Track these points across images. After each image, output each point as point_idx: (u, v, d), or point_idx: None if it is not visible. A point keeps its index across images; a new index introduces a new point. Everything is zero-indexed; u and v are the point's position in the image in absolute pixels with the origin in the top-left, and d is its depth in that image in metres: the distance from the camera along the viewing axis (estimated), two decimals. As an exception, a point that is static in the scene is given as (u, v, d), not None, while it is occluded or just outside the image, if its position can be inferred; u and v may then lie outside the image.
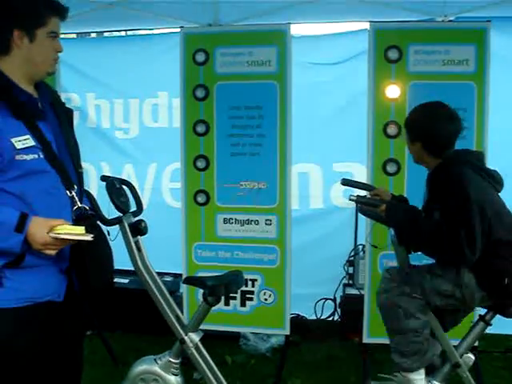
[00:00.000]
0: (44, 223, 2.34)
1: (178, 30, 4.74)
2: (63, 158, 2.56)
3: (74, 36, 6.31)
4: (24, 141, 2.40)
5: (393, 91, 4.40)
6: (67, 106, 2.79)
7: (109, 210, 2.95)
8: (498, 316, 3.46)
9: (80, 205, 2.56)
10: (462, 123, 3.55)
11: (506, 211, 3.43)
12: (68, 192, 2.52)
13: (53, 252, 2.38)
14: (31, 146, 2.41)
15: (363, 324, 4.61)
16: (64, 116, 2.69)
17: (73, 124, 2.76)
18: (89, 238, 2.37)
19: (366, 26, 4.53)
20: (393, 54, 4.37)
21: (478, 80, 4.33)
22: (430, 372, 3.49)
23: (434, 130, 3.46)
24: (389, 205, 3.45)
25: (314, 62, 5.68)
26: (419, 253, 3.49)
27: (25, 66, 2.52)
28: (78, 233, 2.37)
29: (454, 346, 3.50)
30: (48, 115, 2.58)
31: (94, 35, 7.30)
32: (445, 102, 4.14)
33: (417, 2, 4.52)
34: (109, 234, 2.84)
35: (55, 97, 2.72)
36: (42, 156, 2.44)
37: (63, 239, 2.35)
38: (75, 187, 2.57)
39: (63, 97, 2.89)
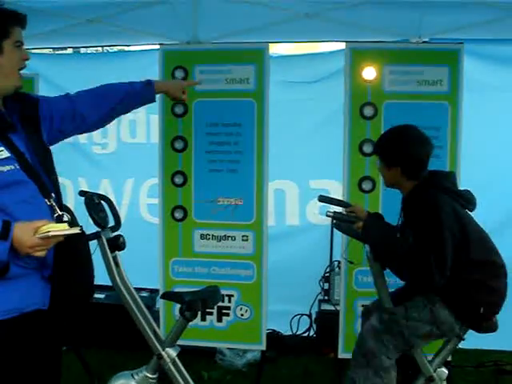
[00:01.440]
0: (28, 226, 2.35)
1: (157, 46, 4.78)
2: (36, 167, 2.57)
3: (50, 51, 6.31)
4: None
5: (368, 110, 4.47)
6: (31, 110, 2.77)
7: (87, 225, 2.97)
8: (470, 331, 3.52)
9: (60, 212, 2.58)
10: (433, 143, 3.61)
11: (484, 235, 3.50)
12: (47, 201, 2.54)
13: (43, 253, 2.39)
14: (6, 158, 2.43)
15: (338, 339, 4.65)
16: (28, 123, 2.68)
17: (39, 130, 2.75)
18: (77, 230, 2.40)
19: (343, 46, 4.60)
20: (368, 74, 4.45)
21: (452, 100, 4.43)
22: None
23: (411, 153, 3.51)
24: (366, 222, 3.49)
25: (292, 80, 5.74)
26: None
27: None
28: (64, 229, 2.39)
29: (428, 361, 3.55)
30: (17, 127, 2.59)
31: (70, 50, 7.30)
32: (419, 121, 4.25)
33: (392, 23, 4.60)
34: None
35: (23, 105, 2.71)
36: (18, 167, 2.45)
37: (52, 237, 2.36)
38: (53, 195, 2.59)
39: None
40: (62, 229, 2.39)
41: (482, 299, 3.37)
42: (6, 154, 2.44)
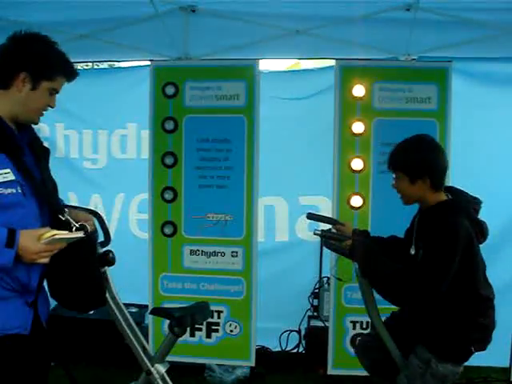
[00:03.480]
0: (32, 233, 2.38)
1: (147, 62, 4.81)
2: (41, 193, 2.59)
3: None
4: (4, 174, 2.42)
5: (358, 127, 4.50)
6: (44, 145, 2.82)
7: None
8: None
9: None
10: None
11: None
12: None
13: (47, 259, 2.42)
14: (11, 181, 2.43)
15: (328, 356, 4.65)
16: (42, 154, 2.71)
17: (48, 162, 2.79)
18: (80, 234, 2.46)
19: (333, 63, 4.64)
20: (357, 91, 4.48)
21: (440, 117, 4.48)
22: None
23: (438, 162, 3.33)
24: (353, 241, 3.46)
25: (282, 96, 5.76)
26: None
27: (16, 107, 2.56)
28: (68, 233, 2.43)
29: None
30: (26, 153, 2.61)
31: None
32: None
33: (381, 40, 4.65)
34: None
35: (33, 134, 2.74)
36: (19, 191, 2.46)
37: (55, 244, 2.40)
38: (65, 214, 2.60)
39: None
40: (66, 233, 2.44)
41: (472, 337, 3.30)
42: (11, 176, 2.44)
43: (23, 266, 2.43)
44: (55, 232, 2.41)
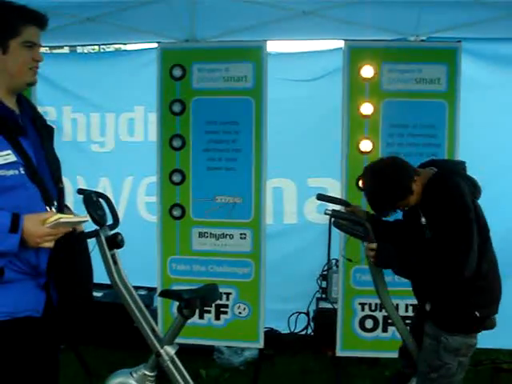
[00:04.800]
0: (36, 217, 2.37)
1: (155, 45, 4.78)
2: (43, 173, 2.57)
3: (47, 50, 6.31)
4: (5, 156, 2.41)
5: (366, 108, 4.47)
6: (48, 123, 2.80)
7: (85, 223, 2.97)
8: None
9: None
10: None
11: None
12: (48, 208, 2.53)
13: (51, 244, 2.41)
14: (13, 162, 2.42)
15: (336, 337, 4.66)
16: (45, 132, 2.69)
17: (53, 140, 2.77)
18: (85, 218, 2.46)
19: (341, 44, 4.60)
20: (366, 72, 4.45)
21: (450, 98, 4.44)
22: (402, 383, 3.54)
23: (405, 185, 3.34)
24: (379, 248, 3.37)
25: (290, 78, 5.75)
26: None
27: (2, 79, 2.51)
28: (72, 217, 2.43)
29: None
30: (28, 131, 2.59)
31: (66, 49, 7.30)
32: (417, 119, 4.28)
33: (390, 21, 4.60)
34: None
35: (36, 113, 2.72)
36: (22, 172, 2.44)
37: (60, 227, 2.39)
38: (55, 203, 2.58)
39: (39, 110, 2.90)
40: (71, 216, 2.44)
41: (472, 301, 3.29)
42: (12, 158, 2.42)
43: (31, 248, 2.43)
44: (59, 216, 2.40)
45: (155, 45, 4.78)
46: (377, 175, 3.39)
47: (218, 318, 4.78)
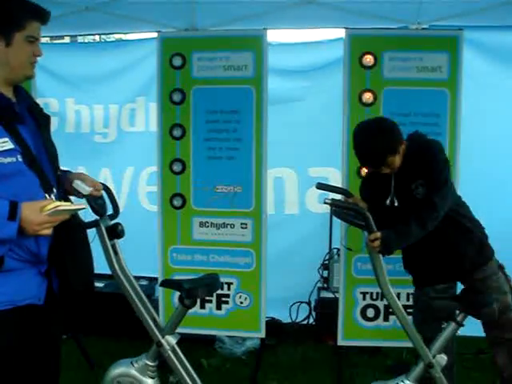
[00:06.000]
0: (34, 205, 2.37)
1: (155, 35, 4.76)
2: (42, 161, 2.57)
3: (48, 40, 6.29)
4: (2, 143, 2.40)
5: (367, 97, 4.45)
6: (45, 111, 2.80)
7: (85, 213, 2.96)
8: (469, 318, 3.52)
9: None
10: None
11: None
12: (47, 195, 2.53)
13: (49, 231, 2.41)
14: (10, 149, 2.42)
15: (338, 327, 4.66)
16: (42, 120, 2.69)
17: (49, 129, 2.77)
18: (83, 206, 2.48)
19: (342, 34, 4.58)
20: (368, 61, 4.43)
21: (451, 87, 4.42)
22: (404, 372, 3.54)
23: (393, 131, 3.61)
24: (383, 236, 3.44)
25: (291, 68, 5.74)
26: (391, 256, 3.53)
27: (2, 70, 2.52)
28: (70, 204, 2.43)
29: (428, 347, 3.55)
30: (26, 119, 2.59)
31: (67, 39, 7.28)
32: (418, 107, 4.28)
33: (391, 9, 4.58)
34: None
35: (33, 102, 2.72)
36: (20, 159, 2.44)
37: (58, 215, 2.40)
38: (54, 190, 2.58)
39: (40, 102, 2.89)
40: (68, 204, 2.44)
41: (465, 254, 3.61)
42: (9, 145, 2.42)
43: (30, 235, 2.43)
44: (58, 203, 2.40)
45: (156, 34, 4.76)
46: (372, 125, 3.63)
47: (219, 307, 4.78)
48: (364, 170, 4.31)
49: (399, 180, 3.64)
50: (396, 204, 3.65)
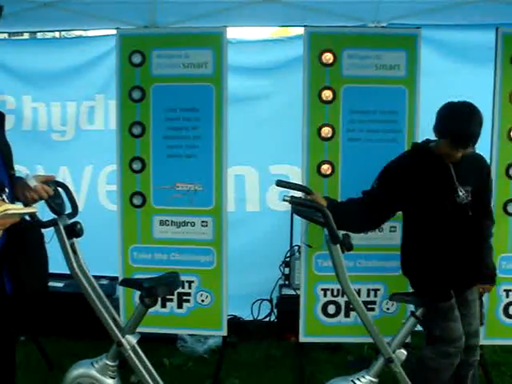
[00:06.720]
0: None
1: (115, 31, 4.72)
2: None
3: (6, 36, 6.20)
4: None
5: (327, 94, 4.47)
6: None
7: (43, 213, 2.92)
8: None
9: None
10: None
11: None
12: None
13: None
14: None
15: (299, 323, 4.67)
16: None
17: (4, 127, 2.72)
18: (34, 209, 2.41)
19: (302, 32, 4.59)
20: (326, 58, 4.45)
21: (409, 84, 4.46)
22: (364, 367, 3.57)
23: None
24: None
25: (251, 66, 5.73)
26: (351, 252, 3.55)
27: None
28: (21, 208, 2.38)
29: (387, 342, 3.59)
30: None
31: (26, 36, 7.18)
32: (377, 105, 4.31)
33: (350, 8, 4.62)
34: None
35: None
36: None
37: (8, 218, 2.31)
38: (6, 190, 2.54)
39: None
40: (19, 208, 2.38)
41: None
42: None
43: None
44: (8, 206, 2.33)
45: (114, 31, 4.71)
46: (468, 105, 3.59)
47: (180, 306, 4.76)
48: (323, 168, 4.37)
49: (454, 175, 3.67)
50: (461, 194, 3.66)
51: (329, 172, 4.49)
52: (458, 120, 3.51)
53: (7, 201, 2.52)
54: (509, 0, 4.34)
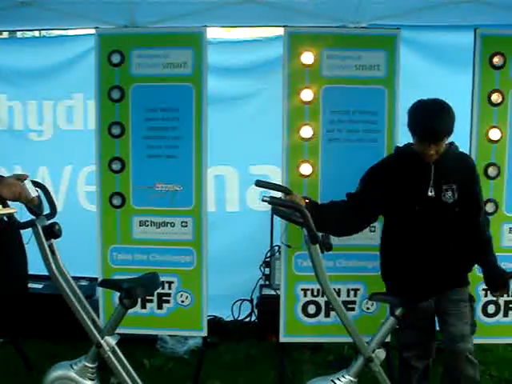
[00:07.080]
0: None
1: (93, 31, 4.69)
2: None
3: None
4: None
5: (307, 94, 4.48)
6: None
7: (21, 213, 2.90)
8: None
9: None
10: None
11: None
12: None
13: None
14: None
15: (280, 324, 4.68)
16: None
17: None
18: (13, 210, 2.38)
19: (282, 32, 4.59)
20: (306, 58, 4.45)
21: (389, 85, 4.48)
22: (344, 367, 3.58)
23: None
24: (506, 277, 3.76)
25: (232, 66, 5.73)
26: (331, 252, 3.56)
27: None
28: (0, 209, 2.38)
29: (366, 342, 3.59)
30: None
31: (5, 35, 7.12)
32: (357, 105, 4.36)
33: (330, 8, 4.62)
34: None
35: None
36: None
37: None
38: None
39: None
40: None
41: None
42: None
43: None
44: None
45: (93, 31, 4.68)
46: (439, 102, 3.61)
47: (160, 307, 4.74)
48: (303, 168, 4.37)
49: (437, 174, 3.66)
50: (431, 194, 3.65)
51: (309, 172, 4.50)
52: (423, 115, 3.57)
53: None
54: (488, 0, 4.37)
